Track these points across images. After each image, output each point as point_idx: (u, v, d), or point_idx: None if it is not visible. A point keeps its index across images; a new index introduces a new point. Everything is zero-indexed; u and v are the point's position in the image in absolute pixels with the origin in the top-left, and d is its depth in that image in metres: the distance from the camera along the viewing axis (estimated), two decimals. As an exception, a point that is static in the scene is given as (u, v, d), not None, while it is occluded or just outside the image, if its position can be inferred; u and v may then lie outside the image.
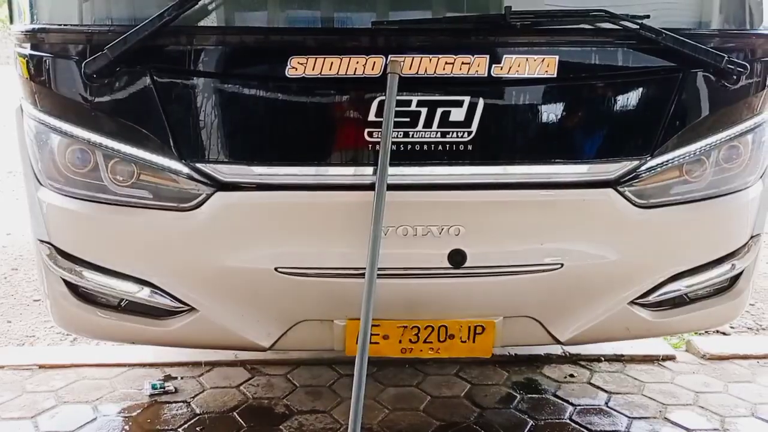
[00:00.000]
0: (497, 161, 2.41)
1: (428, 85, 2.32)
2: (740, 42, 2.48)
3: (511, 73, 2.33)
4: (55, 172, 2.44)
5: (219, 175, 2.36)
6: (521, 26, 2.30)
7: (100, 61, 2.22)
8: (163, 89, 2.30)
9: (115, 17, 2.37)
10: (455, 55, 2.30)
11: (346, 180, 2.40)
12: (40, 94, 2.39)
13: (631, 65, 2.43)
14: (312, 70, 2.27)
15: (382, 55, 2.28)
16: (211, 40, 2.34)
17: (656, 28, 2.31)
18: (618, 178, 2.46)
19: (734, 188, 2.60)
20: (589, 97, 2.44)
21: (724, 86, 2.45)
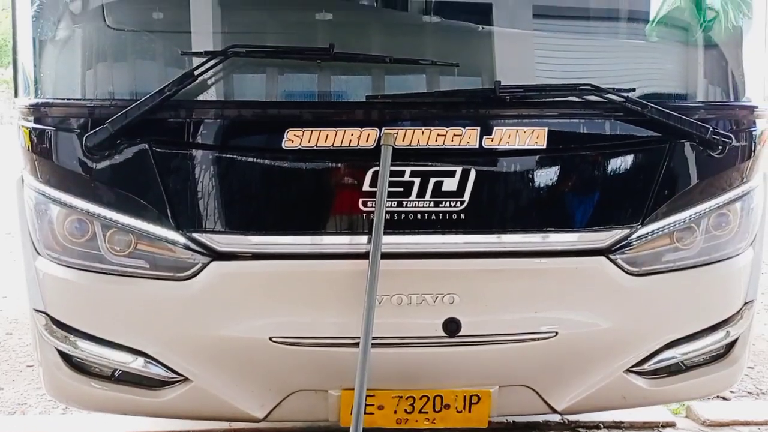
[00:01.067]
0: (490, 230, 2.44)
1: (421, 156, 2.38)
2: (724, 113, 2.56)
3: (502, 144, 2.39)
4: (53, 241, 2.46)
5: (215, 244, 2.39)
6: (510, 99, 2.38)
7: (101, 134, 2.28)
8: (162, 161, 2.35)
9: (116, 92, 2.45)
10: (447, 127, 2.37)
11: (341, 249, 2.43)
12: (41, 165, 2.44)
13: (618, 136, 2.49)
14: (308, 142, 2.33)
15: (375, 127, 2.34)
16: (209, 113, 2.41)
17: (642, 101, 2.39)
18: (609, 247, 2.49)
19: (725, 255, 2.63)
20: (578, 167, 2.50)
21: (711, 156, 2.51)
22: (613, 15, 2.95)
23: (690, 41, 2.63)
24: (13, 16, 2.49)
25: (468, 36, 2.66)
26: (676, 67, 2.70)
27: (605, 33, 2.89)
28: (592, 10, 2.95)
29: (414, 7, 3.31)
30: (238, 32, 2.57)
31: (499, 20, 2.78)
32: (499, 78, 2.48)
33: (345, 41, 2.50)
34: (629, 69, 2.67)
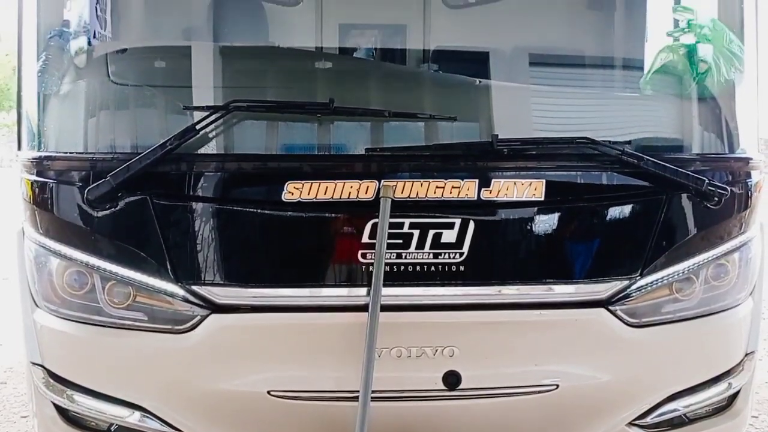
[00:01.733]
0: (489, 282, 2.45)
1: (420, 208, 2.39)
2: (719, 165, 2.59)
3: (500, 196, 2.41)
4: (52, 294, 2.46)
5: (214, 297, 2.39)
6: (508, 152, 2.41)
7: (103, 187, 2.29)
8: (162, 214, 2.37)
9: (118, 145, 2.48)
10: (446, 179, 2.39)
11: (341, 301, 2.42)
12: (42, 218, 2.46)
13: (615, 188, 2.51)
14: (308, 194, 2.35)
15: (375, 179, 2.36)
16: (210, 166, 2.44)
17: (637, 154, 2.41)
18: (609, 298, 2.49)
19: (725, 306, 2.62)
20: (576, 218, 2.52)
21: (708, 207, 2.52)
22: (608, 68, 3.03)
23: (684, 94, 2.69)
24: (19, 71, 2.54)
25: (465, 89, 2.72)
26: (671, 119, 2.75)
27: (601, 85, 2.96)
28: (589, 63, 3.03)
29: (411, 59, 3.41)
30: (238, 86, 2.62)
31: (496, 73, 2.86)
32: (497, 130, 2.53)
33: (344, 93, 2.55)
34: (625, 121, 2.72)
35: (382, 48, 3.73)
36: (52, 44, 2.52)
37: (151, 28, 2.94)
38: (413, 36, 3.47)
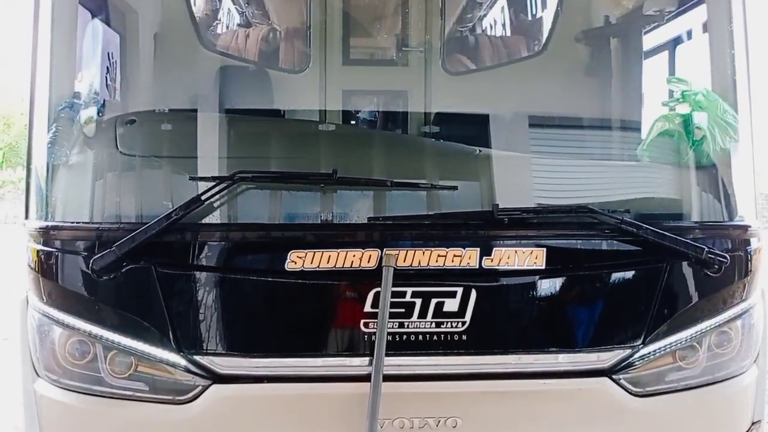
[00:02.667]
0: (492, 351, 2.44)
1: (422, 277, 2.41)
2: (718, 233, 2.61)
3: (501, 264, 2.42)
4: (53, 363, 2.45)
5: (216, 367, 2.38)
6: (508, 221, 2.44)
7: (108, 257, 2.31)
8: (166, 283, 2.38)
9: (123, 215, 2.52)
10: (447, 248, 2.41)
11: (343, 371, 2.41)
12: (46, 287, 2.47)
13: (616, 256, 2.53)
14: (310, 263, 2.37)
15: (377, 248, 2.38)
16: (214, 236, 2.46)
17: (636, 223, 2.43)
18: (612, 367, 2.47)
19: (730, 374, 2.60)
20: (578, 287, 2.53)
21: (708, 275, 2.53)
22: (606, 134, 3.09)
23: (681, 162, 2.73)
24: (29, 142, 2.59)
25: (466, 157, 2.76)
26: (669, 187, 2.78)
27: (600, 153, 3.01)
28: (587, 129, 3.10)
29: (413, 123, 3.49)
30: (243, 156, 2.67)
31: (496, 138, 2.91)
32: (498, 198, 2.57)
33: (346, 161, 2.60)
34: (624, 188, 2.76)
35: (384, 111, 3.82)
36: (63, 116, 2.58)
37: (159, 96, 3.01)
38: (414, 101, 3.56)
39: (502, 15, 4.29)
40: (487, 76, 3.71)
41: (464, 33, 4.18)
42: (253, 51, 3.69)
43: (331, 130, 2.96)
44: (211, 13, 3.83)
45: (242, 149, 2.75)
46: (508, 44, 3.99)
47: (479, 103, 3.25)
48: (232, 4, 4.29)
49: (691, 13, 3.01)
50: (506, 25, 4.20)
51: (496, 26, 4.32)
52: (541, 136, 3.02)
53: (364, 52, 3.91)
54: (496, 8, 4.23)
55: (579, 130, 3.09)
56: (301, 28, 3.67)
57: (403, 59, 3.63)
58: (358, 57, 3.79)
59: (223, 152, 2.66)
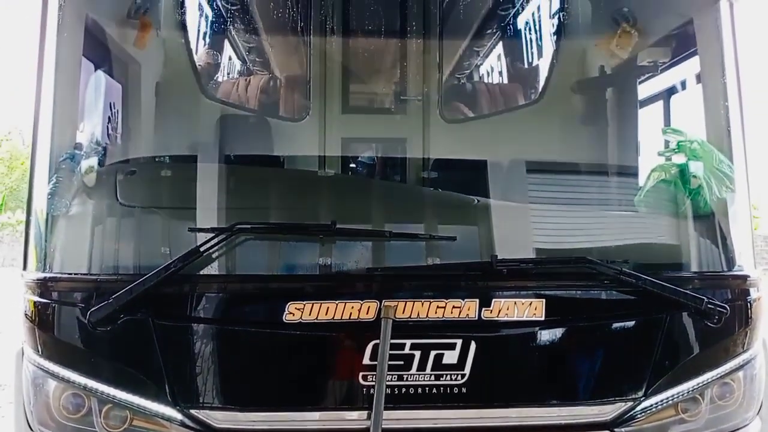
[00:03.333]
0: (492, 404, 2.41)
1: (421, 329, 2.39)
2: (718, 283, 2.61)
3: (501, 316, 2.41)
4: (47, 417, 2.42)
5: (213, 421, 2.35)
6: (507, 272, 2.43)
7: (105, 310, 2.30)
8: (163, 336, 2.36)
9: (121, 267, 2.51)
10: (446, 299, 2.40)
11: (341, 425, 2.38)
12: (42, 339, 2.45)
13: (615, 307, 2.52)
14: (309, 315, 2.36)
15: (376, 299, 2.37)
16: (212, 287, 2.46)
17: (635, 273, 2.43)
18: (614, 420, 2.44)
19: (733, 426, 2.57)
20: (578, 338, 2.51)
21: (709, 326, 2.52)
22: (604, 183, 3.11)
23: (679, 212, 2.74)
24: (30, 193, 2.60)
25: (464, 207, 2.78)
26: (667, 237, 2.79)
27: (597, 201, 3.03)
28: (584, 178, 3.11)
29: (411, 170, 3.51)
30: (242, 207, 2.68)
31: (494, 186, 2.93)
32: (496, 248, 2.57)
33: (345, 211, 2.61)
34: (622, 238, 2.76)
35: (382, 159, 3.85)
36: (63, 167, 2.60)
37: (159, 145, 3.04)
38: (413, 148, 3.58)
39: (498, 63, 4.35)
40: (485, 124, 3.74)
41: (462, 81, 4.23)
42: (253, 99, 3.74)
43: (329, 179, 2.98)
44: (212, 62, 3.89)
45: (241, 199, 2.76)
46: (505, 92, 4.05)
47: (477, 151, 3.28)
48: (233, 52, 4.36)
49: (684, 65, 3.06)
50: (503, 72, 4.25)
51: (493, 74, 4.37)
52: (538, 183, 3.04)
53: (363, 100, 3.96)
54: (493, 56, 4.29)
55: (576, 178, 3.11)
56: (301, 77, 3.72)
57: (402, 108, 3.66)
58: (357, 105, 3.83)
59: (222, 203, 2.66)
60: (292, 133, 3.59)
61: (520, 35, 3.81)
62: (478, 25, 3.68)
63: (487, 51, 4.22)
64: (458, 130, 3.65)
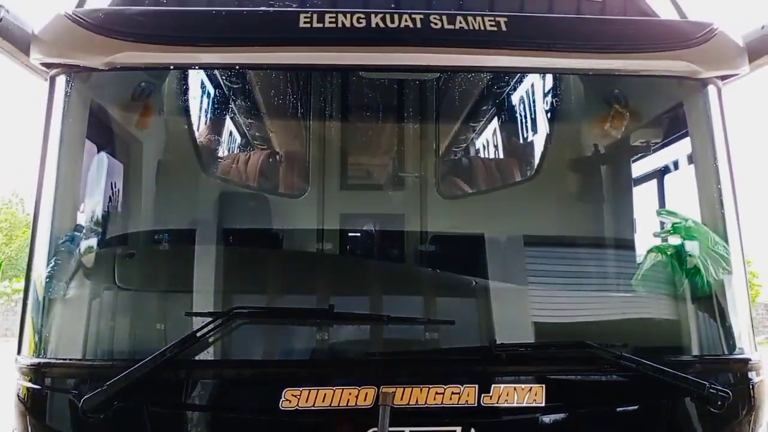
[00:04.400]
0: None
1: (420, 415, 2.35)
2: (719, 367, 2.58)
3: (501, 402, 2.38)
4: None
5: None
6: (506, 357, 2.41)
7: (99, 397, 2.27)
8: (158, 424, 2.32)
9: (116, 351, 2.49)
10: (445, 385, 2.37)
11: None
12: (33, 426, 2.40)
13: (617, 392, 2.50)
14: (305, 402, 2.32)
15: (373, 386, 2.34)
16: (208, 373, 2.43)
17: (635, 358, 2.41)
18: None
19: None
20: (579, 425, 2.47)
21: (712, 411, 2.48)
22: (601, 261, 3.12)
23: (677, 294, 2.74)
24: (27, 276, 2.60)
25: (463, 290, 2.78)
26: (665, 319, 2.78)
27: (596, 276, 3.03)
28: (582, 256, 3.13)
29: (409, 246, 3.53)
30: (240, 291, 2.68)
31: (492, 263, 2.94)
32: (495, 331, 2.56)
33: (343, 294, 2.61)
34: (621, 320, 2.75)
35: (380, 234, 3.87)
36: (63, 249, 2.61)
37: (159, 225, 3.06)
38: (411, 224, 3.61)
39: (494, 139, 4.44)
40: (481, 200, 3.80)
41: (458, 156, 4.30)
42: (253, 176, 3.79)
43: (328, 259, 2.99)
44: (213, 140, 3.96)
45: (239, 282, 2.76)
46: (501, 168, 4.11)
47: (474, 226, 3.31)
48: (234, 129, 4.44)
49: (676, 146, 3.12)
50: (499, 148, 4.33)
51: (489, 149, 4.45)
52: (536, 260, 3.05)
53: (362, 177, 4.01)
54: (489, 133, 4.38)
55: (573, 255, 3.13)
56: (301, 154, 3.79)
57: (399, 184, 3.72)
58: (356, 182, 3.89)
59: (220, 286, 2.66)
60: (292, 209, 3.63)
61: (514, 113, 3.90)
62: (473, 104, 3.77)
63: (482, 128, 4.31)
64: (455, 206, 3.70)
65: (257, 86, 3.42)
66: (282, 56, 2.56)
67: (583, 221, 3.40)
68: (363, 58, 2.60)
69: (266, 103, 3.55)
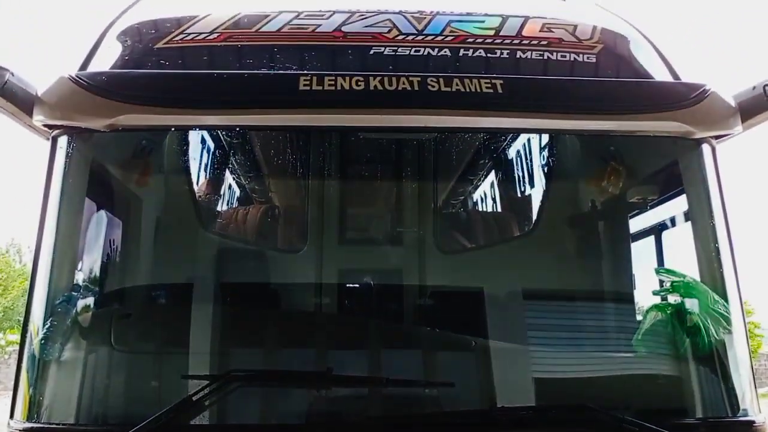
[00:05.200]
0: None
1: None
2: (724, 430, 2.54)
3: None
4: None
5: None
6: (507, 421, 2.39)
7: None
8: None
9: (111, 416, 2.45)
10: None
11: None
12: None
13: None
14: None
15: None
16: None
17: (638, 422, 2.37)
18: None
19: None
20: None
21: None
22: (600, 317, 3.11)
23: (679, 354, 2.72)
24: (22, 341, 2.57)
25: (464, 350, 2.76)
26: (666, 380, 2.75)
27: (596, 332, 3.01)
28: (582, 312, 3.11)
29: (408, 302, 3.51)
30: (237, 353, 2.66)
31: (492, 321, 2.92)
32: (495, 394, 2.53)
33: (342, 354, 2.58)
34: (622, 381, 2.73)
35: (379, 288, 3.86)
36: (59, 310, 2.59)
37: (157, 282, 3.05)
38: (409, 279, 3.60)
39: (492, 192, 4.47)
40: (480, 255, 3.79)
41: (456, 211, 4.32)
42: (251, 230, 3.80)
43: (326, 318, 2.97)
44: (212, 195, 3.98)
45: (237, 342, 2.74)
46: (499, 222, 4.12)
47: (472, 281, 3.30)
48: (233, 182, 4.47)
49: (673, 203, 3.13)
50: (497, 203, 4.35)
51: (487, 203, 4.47)
52: (535, 316, 3.04)
53: (360, 232, 4.02)
54: (487, 187, 4.41)
55: (573, 311, 3.11)
56: (299, 209, 3.81)
57: (398, 239, 3.73)
58: (354, 237, 3.89)
59: (217, 347, 2.64)
60: (290, 264, 3.62)
61: (512, 169, 3.93)
62: (470, 161, 3.81)
63: (480, 183, 4.35)
64: (454, 260, 3.70)
65: (257, 145, 3.46)
66: (282, 118, 2.60)
67: (581, 278, 3.39)
68: (362, 120, 2.63)
69: (265, 161, 3.59)
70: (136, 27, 3.06)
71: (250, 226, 3.82)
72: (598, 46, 3.06)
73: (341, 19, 3.02)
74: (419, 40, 2.96)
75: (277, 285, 3.48)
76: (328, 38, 2.96)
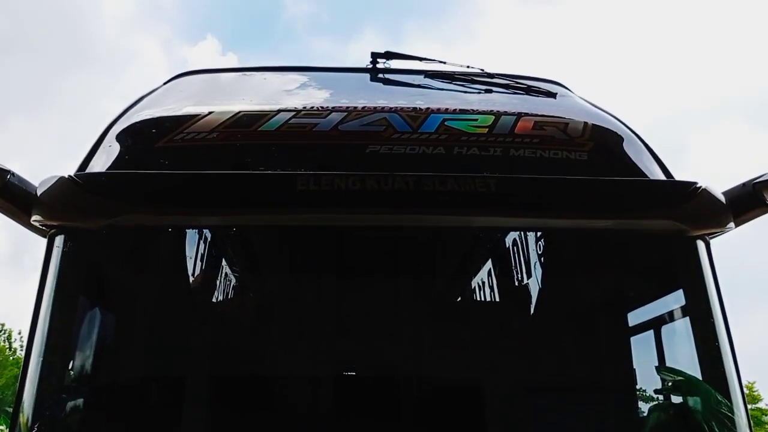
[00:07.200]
0: None
1: None
2: None
3: None
4: None
5: None
6: None
7: None
8: None
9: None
10: None
11: None
12: None
13: None
14: None
15: None
16: None
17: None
18: None
19: None
20: None
21: None
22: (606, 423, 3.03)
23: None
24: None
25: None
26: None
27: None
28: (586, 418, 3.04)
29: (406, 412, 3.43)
30: None
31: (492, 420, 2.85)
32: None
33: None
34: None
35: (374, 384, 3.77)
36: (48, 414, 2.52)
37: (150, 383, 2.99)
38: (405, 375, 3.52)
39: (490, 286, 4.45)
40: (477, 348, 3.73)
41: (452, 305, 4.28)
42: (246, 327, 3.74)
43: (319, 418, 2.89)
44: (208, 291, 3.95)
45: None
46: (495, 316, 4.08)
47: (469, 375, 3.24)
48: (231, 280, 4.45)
49: (670, 298, 3.12)
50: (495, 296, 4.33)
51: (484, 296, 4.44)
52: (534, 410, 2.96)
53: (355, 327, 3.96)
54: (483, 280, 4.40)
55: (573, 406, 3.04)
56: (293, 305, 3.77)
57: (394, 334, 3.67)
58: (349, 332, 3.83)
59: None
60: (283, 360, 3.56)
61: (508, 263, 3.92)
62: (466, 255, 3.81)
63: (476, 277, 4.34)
64: (451, 356, 3.63)
65: (253, 242, 3.47)
66: (279, 219, 2.62)
67: (579, 372, 3.33)
68: (358, 220, 2.66)
69: (261, 257, 3.59)
70: (136, 126, 3.12)
71: (245, 323, 3.78)
72: (589, 144, 3.14)
73: (338, 118, 3.10)
74: (414, 139, 3.03)
75: (270, 381, 3.41)
76: (326, 137, 3.03)
